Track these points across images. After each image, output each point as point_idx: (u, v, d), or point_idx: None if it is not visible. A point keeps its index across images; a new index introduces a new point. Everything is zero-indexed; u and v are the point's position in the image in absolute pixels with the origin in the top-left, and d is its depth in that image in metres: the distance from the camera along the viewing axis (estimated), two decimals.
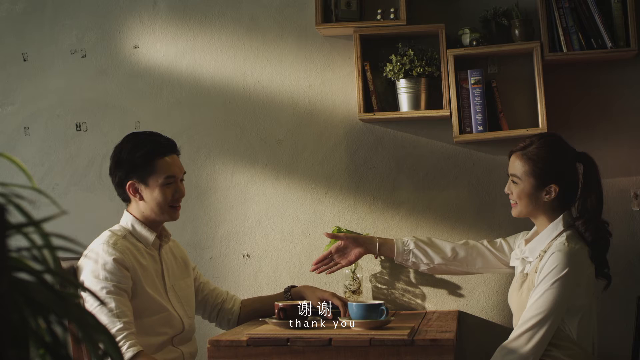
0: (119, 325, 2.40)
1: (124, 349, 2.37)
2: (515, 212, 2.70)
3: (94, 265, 2.51)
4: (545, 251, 2.55)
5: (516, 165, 2.64)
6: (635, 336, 2.97)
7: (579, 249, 2.52)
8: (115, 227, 2.67)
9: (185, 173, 2.74)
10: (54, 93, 3.62)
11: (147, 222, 2.67)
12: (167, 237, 2.76)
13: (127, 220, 2.68)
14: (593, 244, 2.57)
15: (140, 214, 2.66)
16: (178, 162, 2.71)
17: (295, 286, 3.04)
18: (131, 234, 2.65)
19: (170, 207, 2.66)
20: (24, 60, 3.65)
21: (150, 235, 2.66)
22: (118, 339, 2.38)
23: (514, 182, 2.65)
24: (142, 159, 2.62)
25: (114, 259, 2.50)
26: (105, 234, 2.61)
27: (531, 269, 2.58)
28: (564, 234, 2.56)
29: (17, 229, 0.87)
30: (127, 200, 2.70)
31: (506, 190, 2.71)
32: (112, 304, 2.43)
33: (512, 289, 2.71)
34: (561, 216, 2.60)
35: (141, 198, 2.64)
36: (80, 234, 3.37)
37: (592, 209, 2.61)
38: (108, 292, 2.45)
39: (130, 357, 2.36)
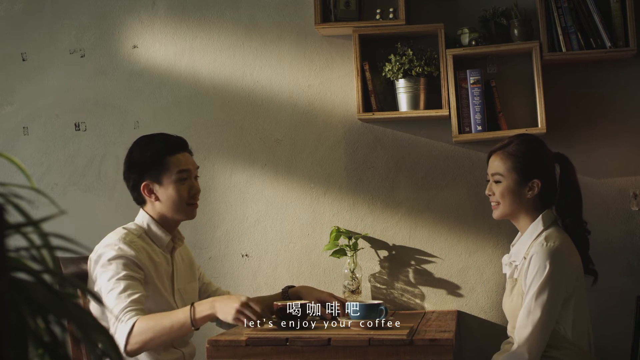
0: (125, 303, 2.40)
1: (123, 323, 2.36)
2: (497, 213, 2.65)
3: (109, 257, 2.49)
4: (528, 253, 2.54)
5: (497, 164, 2.63)
6: (634, 336, 2.97)
7: (559, 245, 2.49)
8: (131, 226, 2.64)
9: (198, 168, 2.71)
10: (53, 93, 3.62)
11: (163, 223, 2.65)
12: (180, 240, 2.75)
13: (143, 219, 2.65)
14: (578, 243, 2.58)
15: (157, 214, 2.64)
16: (190, 159, 2.68)
17: (293, 286, 3.03)
18: (146, 233, 2.63)
19: (187, 204, 2.63)
20: (23, 60, 3.65)
21: (165, 237, 2.64)
22: (122, 315, 2.37)
23: (496, 181, 2.63)
24: (153, 158, 2.60)
25: (130, 256, 2.50)
26: (121, 231, 2.59)
27: (519, 273, 2.57)
28: (543, 234, 2.54)
29: (16, 229, 0.87)
30: (143, 202, 2.67)
31: (487, 192, 2.66)
32: (122, 286, 2.43)
33: (505, 294, 2.70)
34: (540, 216, 2.59)
35: (157, 198, 2.62)
36: (79, 234, 3.37)
37: (573, 209, 2.62)
38: (118, 279, 2.44)
39: (130, 328, 2.35)
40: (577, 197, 2.64)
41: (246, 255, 3.49)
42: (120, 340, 2.35)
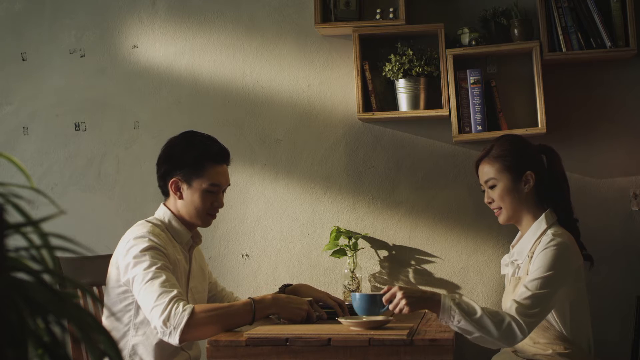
0: (174, 292, 2.38)
1: (179, 310, 2.35)
2: (502, 217, 2.67)
3: (142, 247, 2.48)
4: (533, 252, 2.54)
5: (487, 170, 2.67)
6: (635, 336, 2.97)
7: (567, 240, 2.51)
8: (153, 220, 2.63)
9: (229, 185, 2.71)
10: (53, 93, 3.62)
11: (183, 221, 2.65)
12: (199, 239, 2.75)
13: (164, 214, 2.65)
14: (572, 232, 2.59)
15: (177, 211, 2.64)
16: (226, 172, 2.68)
17: (291, 284, 3.02)
18: (167, 229, 2.62)
19: (207, 214, 2.64)
20: (23, 59, 3.64)
21: (186, 234, 2.65)
22: (173, 302, 2.36)
23: (491, 187, 2.66)
24: (193, 159, 2.60)
25: (161, 248, 2.50)
26: (146, 224, 2.58)
27: (522, 271, 2.57)
28: (549, 231, 2.56)
29: (16, 229, 0.87)
30: (166, 194, 2.68)
31: (486, 200, 2.69)
32: (163, 276, 2.42)
33: (506, 293, 2.70)
34: (543, 214, 2.61)
35: (181, 197, 2.62)
36: (79, 234, 3.37)
37: (563, 197, 2.65)
38: (158, 268, 2.43)
39: (189, 315, 2.35)
40: (566, 185, 2.69)
41: (246, 255, 3.49)
42: (177, 325, 2.34)
